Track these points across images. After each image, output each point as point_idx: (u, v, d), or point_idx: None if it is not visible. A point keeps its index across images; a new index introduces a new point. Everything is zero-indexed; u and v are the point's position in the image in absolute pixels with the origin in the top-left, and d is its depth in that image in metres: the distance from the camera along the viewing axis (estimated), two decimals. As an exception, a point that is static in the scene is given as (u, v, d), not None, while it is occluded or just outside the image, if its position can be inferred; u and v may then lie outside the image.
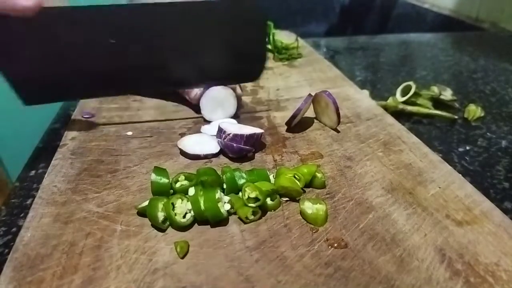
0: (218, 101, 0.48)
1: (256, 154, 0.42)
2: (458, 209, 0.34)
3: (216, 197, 0.32)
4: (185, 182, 0.35)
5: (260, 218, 0.33)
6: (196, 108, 0.50)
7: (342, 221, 0.32)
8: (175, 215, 0.31)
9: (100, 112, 0.51)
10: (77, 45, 0.43)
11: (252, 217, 0.32)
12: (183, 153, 0.41)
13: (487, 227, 0.32)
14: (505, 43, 0.98)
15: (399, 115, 0.56)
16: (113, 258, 0.28)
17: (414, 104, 0.58)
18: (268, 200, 0.33)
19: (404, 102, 0.58)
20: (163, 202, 0.32)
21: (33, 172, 0.42)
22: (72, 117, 0.50)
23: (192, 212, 0.32)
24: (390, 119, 0.50)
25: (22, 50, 0.41)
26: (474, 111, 0.57)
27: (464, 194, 0.36)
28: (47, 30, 0.41)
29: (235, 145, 0.39)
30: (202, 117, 0.49)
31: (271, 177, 0.37)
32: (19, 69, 0.42)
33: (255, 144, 0.41)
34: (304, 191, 0.36)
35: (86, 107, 0.51)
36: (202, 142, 0.42)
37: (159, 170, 0.35)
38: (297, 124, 0.47)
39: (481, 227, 0.32)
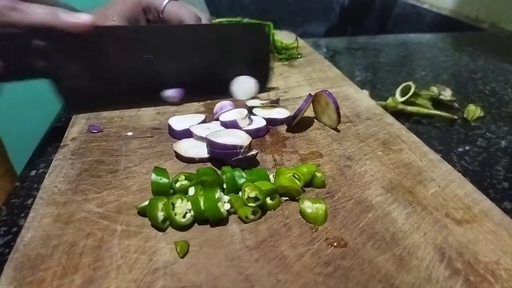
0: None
1: (256, 154, 0.42)
2: (457, 208, 0.34)
3: (216, 196, 0.32)
4: (185, 182, 0.35)
5: (260, 217, 0.33)
6: None
7: (341, 220, 0.32)
8: (175, 215, 0.31)
9: (101, 113, 0.51)
10: (118, 60, 0.50)
11: (252, 217, 0.32)
12: (178, 156, 0.41)
13: (487, 225, 0.32)
14: (505, 43, 0.98)
15: (399, 115, 0.56)
16: (114, 258, 0.29)
17: (413, 104, 0.59)
18: (268, 200, 0.33)
19: (404, 102, 0.59)
20: (163, 202, 0.32)
21: (33, 172, 0.43)
22: (73, 117, 0.50)
23: (192, 212, 0.32)
24: (390, 119, 0.50)
25: (70, 62, 0.47)
26: (473, 111, 0.57)
27: (464, 193, 0.36)
28: (94, 45, 0.47)
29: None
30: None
31: (271, 176, 0.37)
32: (66, 80, 0.48)
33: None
34: (304, 191, 0.36)
35: (93, 121, 0.50)
36: (198, 146, 0.42)
37: (159, 170, 0.35)
38: (297, 124, 0.48)
39: (481, 226, 0.32)
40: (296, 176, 0.35)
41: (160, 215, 0.31)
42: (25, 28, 0.41)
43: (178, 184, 0.35)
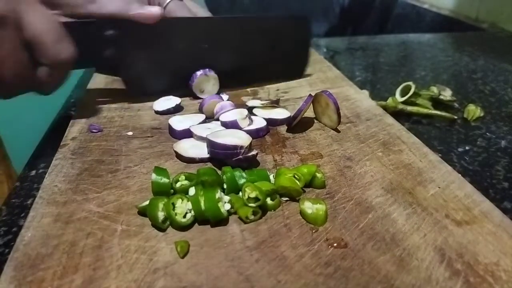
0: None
1: (256, 154, 0.42)
2: (457, 209, 0.34)
3: (217, 197, 0.32)
4: (186, 182, 0.35)
5: (260, 218, 0.33)
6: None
7: (342, 221, 0.32)
8: (176, 215, 0.31)
9: (101, 112, 0.51)
10: (178, 49, 0.53)
11: (252, 217, 0.32)
12: (179, 156, 0.41)
13: (487, 227, 0.32)
14: (504, 43, 0.98)
15: (399, 115, 0.56)
16: (114, 258, 0.29)
17: (413, 104, 0.59)
18: (268, 200, 0.33)
19: (404, 102, 0.59)
20: (163, 202, 0.32)
21: (33, 172, 0.43)
22: (73, 117, 0.50)
23: (192, 212, 0.32)
24: (390, 119, 0.50)
25: (137, 51, 0.51)
26: (473, 111, 0.57)
27: (464, 194, 0.36)
28: (157, 36, 0.51)
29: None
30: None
31: (271, 177, 0.37)
32: (131, 68, 0.52)
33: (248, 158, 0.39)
34: (304, 191, 0.36)
35: (93, 120, 0.50)
36: (198, 146, 0.42)
37: (159, 170, 0.35)
38: (297, 124, 0.48)
39: (481, 227, 0.32)
40: (296, 176, 0.35)
41: (161, 215, 0.31)
42: (99, 18, 0.45)
43: (178, 184, 0.35)
